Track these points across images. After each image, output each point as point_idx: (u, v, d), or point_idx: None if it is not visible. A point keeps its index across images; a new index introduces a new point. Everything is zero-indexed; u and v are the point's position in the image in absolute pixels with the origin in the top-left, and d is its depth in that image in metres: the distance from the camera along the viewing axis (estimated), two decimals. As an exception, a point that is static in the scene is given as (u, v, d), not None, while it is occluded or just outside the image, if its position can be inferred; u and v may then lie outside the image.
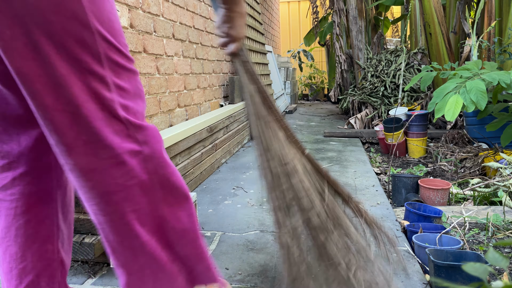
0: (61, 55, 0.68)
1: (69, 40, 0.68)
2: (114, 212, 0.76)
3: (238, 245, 1.51)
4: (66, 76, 0.69)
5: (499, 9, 3.46)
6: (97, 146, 0.72)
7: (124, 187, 0.75)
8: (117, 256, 0.79)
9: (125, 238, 0.77)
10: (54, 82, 0.69)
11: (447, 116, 2.00)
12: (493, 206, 1.89)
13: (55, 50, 0.68)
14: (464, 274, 1.12)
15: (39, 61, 0.67)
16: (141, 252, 0.78)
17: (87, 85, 0.71)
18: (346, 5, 4.63)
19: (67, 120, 0.70)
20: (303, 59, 8.44)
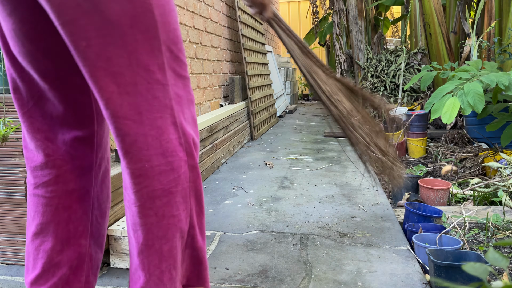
0: (132, 66, 0.74)
1: (140, 51, 0.74)
2: (154, 216, 0.79)
3: (238, 245, 1.51)
4: (136, 86, 0.75)
5: (499, 9, 3.46)
6: (154, 153, 0.77)
7: (169, 192, 0.79)
8: (142, 259, 0.81)
9: (157, 242, 0.80)
10: (125, 91, 0.74)
11: (443, 118, 2.00)
12: (493, 206, 1.89)
13: (127, 62, 0.73)
14: (464, 274, 1.12)
15: (112, 72, 0.73)
16: (167, 257, 0.81)
17: (152, 94, 0.76)
18: (346, 5, 4.63)
19: (132, 129, 0.75)
20: (303, 59, 8.42)
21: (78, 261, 0.90)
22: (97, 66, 0.72)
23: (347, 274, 1.27)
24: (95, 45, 0.71)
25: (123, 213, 1.43)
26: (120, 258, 1.33)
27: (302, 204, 1.93)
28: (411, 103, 3.96)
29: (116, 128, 0.75)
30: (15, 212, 1.33)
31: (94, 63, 0.72)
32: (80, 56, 0.72)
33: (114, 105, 0.74)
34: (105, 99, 0.74)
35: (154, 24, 0.74)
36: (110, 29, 0.71)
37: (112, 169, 1.42)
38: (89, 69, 0.72)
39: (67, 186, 0.88)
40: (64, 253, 0.88)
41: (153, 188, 0.78)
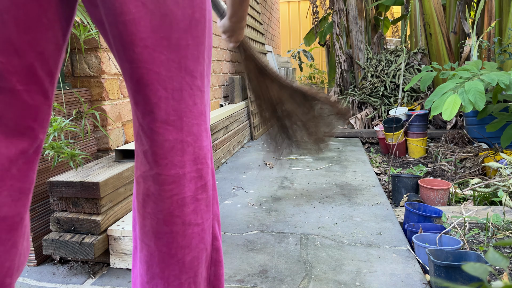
0: (181, 71, 0.74)
1: (189, 57, 0.75)
2: (180, 224, 0.77)
3: (238, 245, 1.51)
4: (181, 92, 0.75)
5: (499, 9, 3.46)
6: (188, 159, 0.77)
7: (195, 200, 0.78)
8: (162, 267, 0.78)
9: (180, 251, 0.78)
10: (171, 97, 0.74)
11: (444, 115, 2.00)
12: (493, 206, 1.89)
13: (178, 66, 0.73)
14: (464, 274, 1.12)
15: (164, 76, 0.72)
16: (188, 269, 0.79)
17: (193, 101, 0.77)
18: (346, 5, 4.63)
19: (171, 135, 0.75)
20: (303, 59, 8.45)
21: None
22: (150, 69, 0.71)
23: (347, 274, 1.27)
24: (151, 46, 0.70)
25: (123, 213, 1.43)
26: (120, 258, 1.33)
27: (302, 204, 1.93)
28: (411, 103, 3.96)
29: (155, 133, 0.74)
30: (15, 212, 1.33)
31: (147, 66, 0.70)
32: (135, 58, 0.70)
33: (159, 110, 0.73)
34: (151, 103, 0.72)
35: (203, 30, 0.75)
36: (168, 32, 0.70)
37: (112, 169, 1.42)
38: (142, 72, 0.71)
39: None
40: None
41: (183, 195, 0.76)
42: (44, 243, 1.27)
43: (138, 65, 0.70)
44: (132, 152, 1.59)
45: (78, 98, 1.54)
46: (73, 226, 1.29)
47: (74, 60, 1.65)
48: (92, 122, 1.61)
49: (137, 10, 0.67)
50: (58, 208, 1.32)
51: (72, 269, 1.34)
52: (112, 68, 1.71)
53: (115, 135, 1.73)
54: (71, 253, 1.25)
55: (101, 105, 1.65)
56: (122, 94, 1.79)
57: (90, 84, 1.65)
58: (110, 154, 1.67)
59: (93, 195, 1.27)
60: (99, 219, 1.28)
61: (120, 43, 0.69)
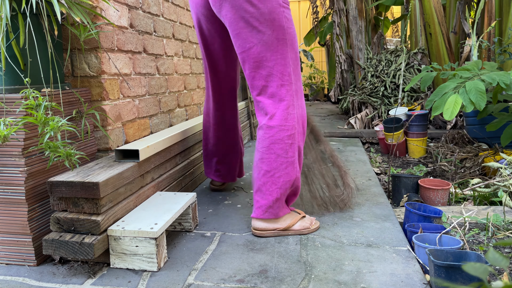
0: (287, 63, 1.58)
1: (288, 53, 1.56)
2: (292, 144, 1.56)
3: (238, 245, 1.51)
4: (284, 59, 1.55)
5: (499, 9, 3.46)
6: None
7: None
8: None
9: (274, 165, 1.55)
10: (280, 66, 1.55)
11: (445, 115, 2.00)
12: (493, 206, 1.89)
13: (283, 62, 1.56)
14: (464, 274, 1.12)
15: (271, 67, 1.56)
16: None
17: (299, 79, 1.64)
18: (346, 5, 4.63)
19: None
20: (303, 59, 8.44)
21: None
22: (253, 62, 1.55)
23: (347, 274, 1.27)
24: (255, 48, 1.51)
25: (123, 213, 1.43)
26: (120, 258, 1.33)
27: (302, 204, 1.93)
28: (411, 103, 3.96)
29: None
30: (15, 212, 1.33)
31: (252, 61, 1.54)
32: (245, 56, 1.55)
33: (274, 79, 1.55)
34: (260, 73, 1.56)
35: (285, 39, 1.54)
36: (261, 38, 1.50)
37: (112, 169, 1.42)
38: (247, 66, 1.56)
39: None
40: None
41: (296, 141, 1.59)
42: (44, 243, 1.27)
43: (246, 61, 1.60)
44: (132, 152, 1.59)
45: (78, 98, 1.54)
46: (73, 226, 1.29)
47: (74, 60, 1.65)
48: (92, 122, 1.61)
49: (238, 27, 1.55)
50: (58, 208, 1.32)
51: (72, 269, 1.34)
52: (112, 68, 1.71)
53: (115, 135, 1.73)
54: (71, 253, 1.25)
55: (101, 105, 1.65)
56: (122, 94, 1.79)
57: (90, 84, 1.65)
58: (110, 154, 1.67)
59: (93, 195, 1.27)
60: (99, 219, 1.28)
61: (237, 47, 1.58)
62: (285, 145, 1.53)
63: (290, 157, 1.54)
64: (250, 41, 1.50)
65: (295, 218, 1.60)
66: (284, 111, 1.53)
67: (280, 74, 1.51)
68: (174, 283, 1.24)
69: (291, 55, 1.54)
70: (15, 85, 1.38)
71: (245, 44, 1.51)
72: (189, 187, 2.14)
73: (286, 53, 1.52)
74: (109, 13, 1.69)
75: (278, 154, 1.53)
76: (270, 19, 1.47)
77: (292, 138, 1.54)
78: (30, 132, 1.31)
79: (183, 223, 1.64)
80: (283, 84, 1.52)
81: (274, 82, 1.52)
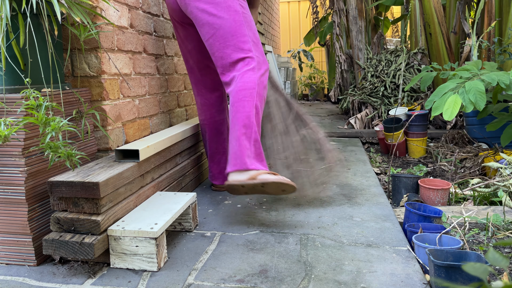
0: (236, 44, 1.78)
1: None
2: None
3: (238, 245, 1.51)
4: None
5: (499, 9, 3.46)
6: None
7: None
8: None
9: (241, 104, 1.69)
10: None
11: (445, 115, 2.00)
12: (493, 206, 1.89)
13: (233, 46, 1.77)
14: (464, 274, 1.12)
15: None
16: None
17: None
18: (346, 5, 4.63)
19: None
20: (303, 59, 8.45)
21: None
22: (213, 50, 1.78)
23: (347, 274, 1.27)
24: (218, 31, 1.74)
25: (123, 213, 1.43)
26: (120, 258, 1.33)
27: (302, 204, 1.93)
28: (411, 103, 3.96)
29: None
30: (15, 212, 1.33)
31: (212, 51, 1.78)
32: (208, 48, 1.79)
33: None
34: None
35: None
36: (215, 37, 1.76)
37: (112, 169, 1.43)
38: (211, 52, 1.79)
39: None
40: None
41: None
42: (44, 243, 1.27)
43: (210, 51, 1.82)
44: (132, 152, 1.59)
45: (78, 98, 1.54)
46: (73, 226, 1.29)
47: (74, 60, 1.65)
48: (92, 122, 1.61)
49: (205, 35, 1.81)
50: (58, 208, 1.32)
51: (72, 269, 1.34)
52: (112, 68, 1.71)
53: (115, 135, 1.73)
54: (71, 253, 1.26)
55: (101, 105, 1.65)
56: (122, 94, 1.79)
57: (90, 84, 1.65)
58: (110, 154, 1.67)
59: (93, 195, 1.28)
60: (99, 219, 1.28)
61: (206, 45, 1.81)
62: (243, 102, 1.69)
63: (247, 112, 1.67)
64: (213, 27, 1.74)
65: (264, 171, 1.61)
66: (244, 74, 1.72)
67: (241, 49, 1.74)
68: (174, 283, 1.24)
69: (249, 34, 1.77)
70: (16, 85, 1.39)
71: (210, 30, 1.74)
72: (189, 187, 2.14)
73: (245, 31, 1.76)
74: (109, 13, 1.69)
75: (237, 110, 1.68)
76: (226, 6, 1.73)
77: (250, 96, 1.69)
78: (30, 132, 1.31)
79: (183, 223, 1.64)
80: (244, 57, 1.73)
81: (237, 56, 1.74)
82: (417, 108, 3.84)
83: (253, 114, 1.67)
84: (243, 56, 1.73)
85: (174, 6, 1.85)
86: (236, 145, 1.63)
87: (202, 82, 2.06)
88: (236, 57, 1.73)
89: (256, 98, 1.70)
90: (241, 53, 1.73)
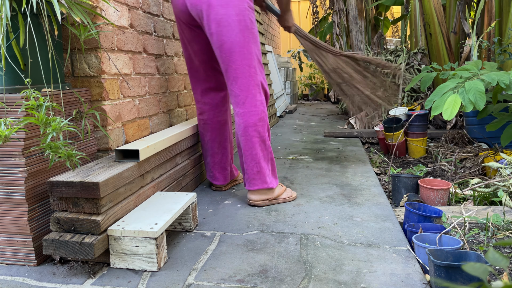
0: (244, 65, 1.85)
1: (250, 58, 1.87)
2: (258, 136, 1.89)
3: (238, 245, 1.51)
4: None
5: (499, 9, 3.46)
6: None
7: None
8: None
9: (249, 144, 1.89)
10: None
11: (445, 115, 2.00)
12: (493, 206, 1.89)
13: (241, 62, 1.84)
14: (464, 274, 1.12)
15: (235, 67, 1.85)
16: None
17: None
18: (346, 5, 4.63)
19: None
20: (303, 59, 8.45)
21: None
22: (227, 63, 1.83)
23: (347, 274, 1.27)
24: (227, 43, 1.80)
25: (123, 213, 1.43)
26: (120, 258, 1.33)
27: (302, 204, 1.93)
28: (411, 103, 3.96)
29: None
30: (15, 212, 1.33)
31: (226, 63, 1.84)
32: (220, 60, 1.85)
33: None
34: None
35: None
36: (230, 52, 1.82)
37: (112, 169, 1.43)
38: (224, 66, 1.84)
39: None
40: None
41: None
42: (44, 243, 1.27)
43: (222, 63, 1.87)
44: (132, 152, 1.59)
45: (78, 98, 1.54)
46: (73, 226, 1.29)
47: (74, 60, 1.65)
48: (92, 122, 1.61)
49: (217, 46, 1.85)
50: (58, 208, 1.32)
51: (72, 269, 1.34)
52: (112, 68, 1.71)
53: (115, 135, 1.73)
54: (71, 253, 1.26)
55: (101, 105, 1.65)
56: (122, 94, 1.79)
57: (90, 84, 1.65)
58: (110, 154, 1.67)
59: (93, 195, 1.28)
60: (99, 219, 1.28)
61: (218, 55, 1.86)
62: (257, 127, 1.86)
63: (262, 136, 1.89)
64: (222, 39, 1.78)
65: (281, 189, 1.98)
66: (253, 98, 1.85)
67: (247, 66, 1.82)
68: (174, 283, 1.24)
69: (255, 51, 1.86)
70: (16, 85, 1.39)
71: (220, 40, 1.79)
72: (189, 187, 2.14)
73: (251, 48, 1.83)
74: (109, 13, 1.69)
75: (252, 135, 1.86)
76: (238, 20, 1.77)
77: (262, 120, 1.87)
78: (31, 132, 1.31)
79: (183, 223, 1.64)
80: (250, 75, 1.83)
81: (243, 73, 1.82)
82: (417, 108, 3.84)
83: (267, 137, 1.92)
84: (247, 82, 1.86)
85: (182, 7, 1.84)
86: (255, 166, 1.89)
87: (206, 82, 2.06)
88: (240, 80, 1.86)
89: (266, 120, 1.92)
90: (246, 78, 1.86)
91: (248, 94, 1.84)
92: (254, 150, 1.87)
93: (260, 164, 1.88)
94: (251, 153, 1.87)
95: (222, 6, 1.74)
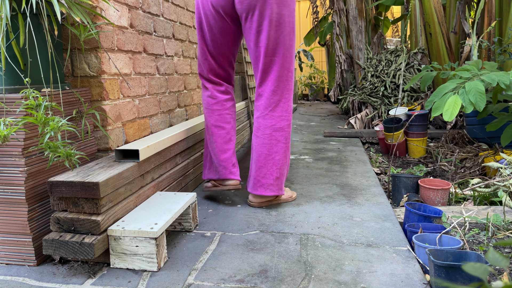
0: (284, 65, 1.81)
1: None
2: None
3: (238, 245, 1.51)
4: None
5: (499, 9, 3.46)
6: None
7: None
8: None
9: (273, 149, 1.86)
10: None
11: (445, 116, 2.00)
12: (493, 206, 1.89)
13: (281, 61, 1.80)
14: (464, 274, 1.12)
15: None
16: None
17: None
18: (346, 5, 4.63)
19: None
20: (303, 59, 8.45)
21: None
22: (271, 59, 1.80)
23: (347, 274, 1.27)
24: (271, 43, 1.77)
25: (123, 213, 1.43)
26: (120, 258, 1.33)
27: (302, 204, 1.93)
28: (411, 103, 3.96)
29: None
30: (15, 212, 1.33)
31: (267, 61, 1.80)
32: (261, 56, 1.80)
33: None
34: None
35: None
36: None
37: (112, 169, 1.42)
38: (263, 66, 1.80)
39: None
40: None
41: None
42: (44, 243, 1.27)
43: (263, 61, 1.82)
44: (132, 152, 1.59)
45: (78, 98, 1.54)
46: (73, 226, 1.29)
47: (74, 60, 1.65)
48: (92, 122, 1.61)
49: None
50: (58, 208, 1.32)
51: (72, 269, 1.34)
52: (112, 68, 1.71)
53: (115, 135, 1.73)
54: (71, 253, 1.25)
55: (101, 105, 1.65)
56: (122, 94, 1.79)
57: (90, 84, 1.65)
58: (110, 154, 1.67)
59: (93, 195, 1.27)
60: (99, 219, 1.28)
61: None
62: (285, 133, 1.84)
63: (287, 143, 1.86)
64: (270, 38, 1.74)
65: (285, 190, 1.99)
66: (286, 103, 1.83)
67: (286, 70, 1.80)
68: (174, 283, 1.24)
69: (294, 55, 1.84)
70: (15, 85, 1.38)
71: (268, 38, 1.74)
72: (189, 187, 2.14)
73: (293, 52, 1.81)
74: (109, 13, 1.69)
75: (279, 140, 1.83)
76: (288, 21, 1.75)
77: (289, 127, 1.86)
78: (30, 132, 1.31)
79: (183, 223, 1.64)
80: (287, 79, 1.81)
81: (281, 77, 1.80)
82: (417, 108, 3.84)
83: (288, 146, 1.89)
84: (284, 85, 1.86)
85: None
86: (276, 172, 1.86)
87: (220, 77, 2.00)
88: (277, 83, 1.86)
89: (291, 126, 1.92)
90: (284, 81, 1.85)
91: (282, 98, 1.81)
92: (278, 155, 1.83)
93: (281, 171, 1.85)
94: (274, 158, 1.83)
95: (278, 4, 1.70)
